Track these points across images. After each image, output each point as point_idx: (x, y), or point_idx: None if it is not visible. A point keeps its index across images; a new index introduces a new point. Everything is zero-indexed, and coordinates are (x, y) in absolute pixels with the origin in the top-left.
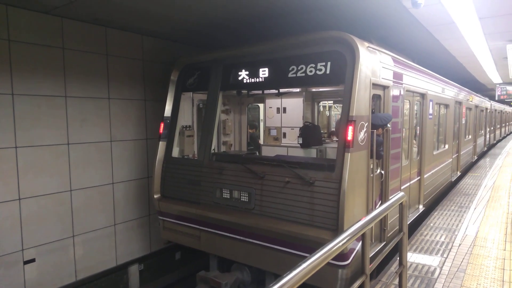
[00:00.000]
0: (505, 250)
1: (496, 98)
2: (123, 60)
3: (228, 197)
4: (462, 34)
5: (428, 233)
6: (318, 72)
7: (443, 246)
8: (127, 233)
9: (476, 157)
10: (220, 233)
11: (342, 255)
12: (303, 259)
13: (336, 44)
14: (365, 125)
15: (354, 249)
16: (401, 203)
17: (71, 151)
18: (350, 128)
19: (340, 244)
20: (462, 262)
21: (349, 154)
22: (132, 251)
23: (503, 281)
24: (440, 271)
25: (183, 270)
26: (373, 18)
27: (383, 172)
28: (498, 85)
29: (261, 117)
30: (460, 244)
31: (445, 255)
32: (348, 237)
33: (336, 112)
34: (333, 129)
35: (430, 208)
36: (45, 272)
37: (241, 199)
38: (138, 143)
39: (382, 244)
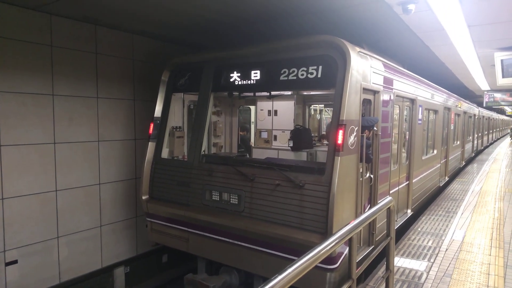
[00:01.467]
0: (490, 255)
1: (484, 105)
2: (112, 59)
3: (218, 199)
4: (451, 41)
5: (416, 238)
6: (309, 76)
7: (430, 251)
8: (113, 234)
9: (464, 163)
10: (209, 236)
11: (330, 259)
12: (292, 262)
13: (327, 48)
14: (355, 129)
15: (343, 252)
16: (388, 208)
17: (57, 150)
18: (340, 132)
19: (328, 248)
20: (448, 267)
21: (339, 158)
22: (118, 253)
23: (487, 286)
24: (427, 276)
25: (170, 273)
26: (365, 23)
27: (372, 176)
28: (486, 92)
29: (252, 119)
30: (447, 249)
31: (432, 260)
32: (335, 241)
33: (327, 115)
34: (324, 133)
35: (418, 213)
36: (27, 274)
37: (231, 202)
38: (126, 143)
39: (370, 248)
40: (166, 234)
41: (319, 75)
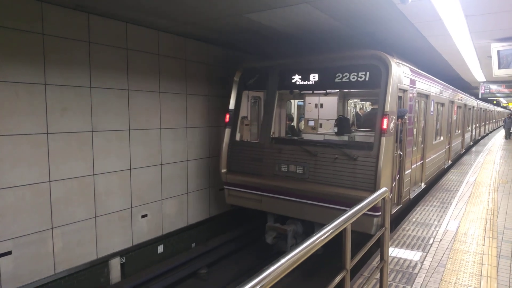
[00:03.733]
0: (483, 245)
1: (480, 96)
2: (105, 48)
3: (286, 170)
4: (448, 32)
5: (410, 228)
6: (359, 79)
7: (425, 241)
8: (109, 225)
9: (463, 150)
10: (279, 197)
11: (376, 208)
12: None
13: (374, 59)
14: (393, 117)
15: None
16: (383, 198)
17: (50, 140)
18: (385, 120)
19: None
20: (442, 257)
21: (384, 138)
22: (113, 244)
23: (481, 275)
24: (421, 266)
25: (165, 263)
26: (361, 13)
27: (401, 153)
28: (482, 84)
29: (292, 110)
30: (441, 239)
31: (426, 250)
32: (379, 197)
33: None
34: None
35: (429, 187)
36: (22, 265)
37: (297, 171)
38: (120, 133)
39: (399, 207)
40: (241, 197)
41: (367, 79)
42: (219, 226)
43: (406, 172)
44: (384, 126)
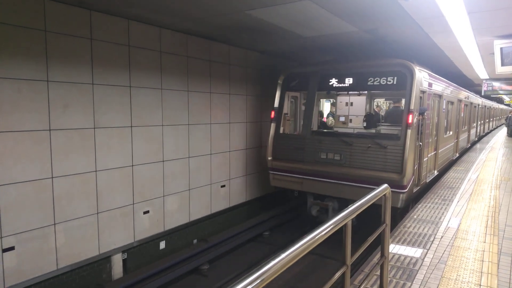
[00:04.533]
0: (485, 242)
1: (482, 94)
2: (107, 45)
3: (325, 157)
4: (451, 28)
5: (412, 225)
6: (388, 83)
7: (426, 238)
8: (111, 221)
9: (469, 145)
10: (318, 179)
11: (401, 186)
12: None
13: (401, 67)
14: (416, 114)
15: (410, 181)
16: (384, 195)
17: (53, 137)
18: (411, 116)
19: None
20: (443, 254)
21: (409, 130)
22: (115, 240)
23: (481, 272)
24: (422, 263)
25: (167, 259)
26: (363, 9)
27: (421, 143)
28: (484, 81)
29: (320, 108)
30: (442, 236)
31: (427, 247)
32: (406, 177)
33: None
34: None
35: (440, 174)
36: (25, 260)
37: (335, 158)
38: (122, 130)
39: (418, 188)
40: (284, 180)
41: (394, 82)
42: (221, 222)
43: (424, 160)
44: (410, 120)
